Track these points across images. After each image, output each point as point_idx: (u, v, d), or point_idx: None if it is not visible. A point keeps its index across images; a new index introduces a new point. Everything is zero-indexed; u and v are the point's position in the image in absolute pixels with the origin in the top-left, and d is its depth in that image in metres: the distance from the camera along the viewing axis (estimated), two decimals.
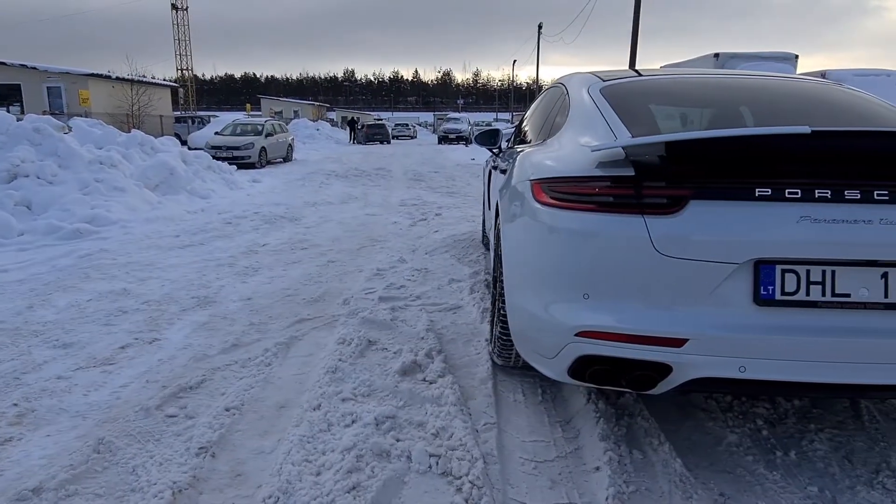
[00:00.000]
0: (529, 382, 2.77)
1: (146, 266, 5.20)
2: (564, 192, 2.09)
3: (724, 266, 1.88)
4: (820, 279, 1.89)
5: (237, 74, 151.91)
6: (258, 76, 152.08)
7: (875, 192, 1.87)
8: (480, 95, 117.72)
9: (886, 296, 1.88)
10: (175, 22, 54.80)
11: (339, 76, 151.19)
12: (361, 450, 2.13)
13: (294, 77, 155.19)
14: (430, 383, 2.73)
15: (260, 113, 47.82)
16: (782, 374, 1.90)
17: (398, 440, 2.23)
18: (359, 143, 35.62)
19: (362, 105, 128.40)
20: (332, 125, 45.79)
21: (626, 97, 2.63)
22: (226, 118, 25.67)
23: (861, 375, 1.89)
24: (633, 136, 2.18)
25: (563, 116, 2.85)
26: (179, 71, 55.43)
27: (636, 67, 20.50)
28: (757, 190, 1.89)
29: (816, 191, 1.87)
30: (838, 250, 1.86)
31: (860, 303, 1.88)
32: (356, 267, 5.20)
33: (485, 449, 2.19)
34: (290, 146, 20.77)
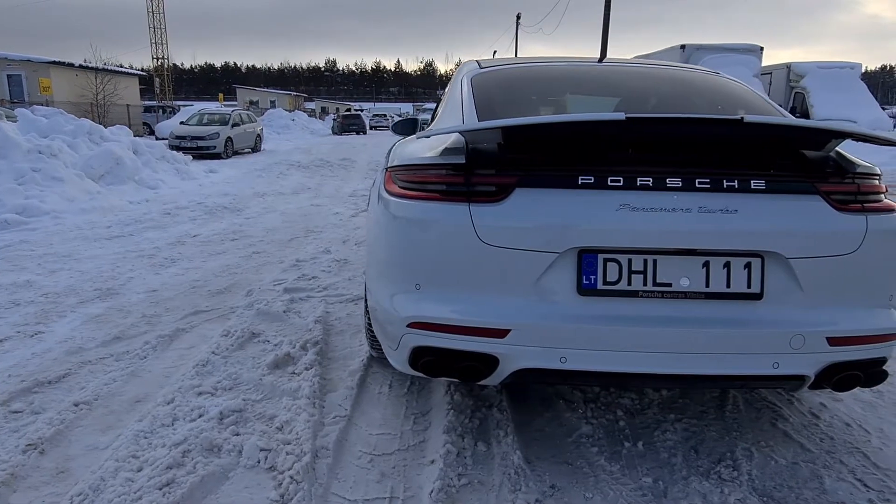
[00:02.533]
0: (401, 374, 2.73)
1: (63, 257, 5.08)
2: (405, 180, 2.05)
3: (547, 255, 1.85)
4: (641, 268, 1.86)
5: (217, 64, 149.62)
6: (239, 66, 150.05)
7: (696, 180, 1.85)
8: None
9: (707, 285, 1.86)
10: (150, 10, 53.79)
11: (321, 66, 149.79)
12: (191, 445, 2.08)
13: (275, 67, 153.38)
14: (296, 375, 2.68)
15: (235, 103, 47.17)
16: (603, 365, 1.87)
17: (237, 434, 2.18)
18: (334, 133, 35.31)
19: (344, 95, 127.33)
20: (311, 115, 45.32)
21: (492, 85, 2.58)
22: (198, 108, 25.28)
23: (683, 366, 1.88)
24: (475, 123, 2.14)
25: (443, 105, 2.81)
26: (155, 60, 54.47)
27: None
28: (580, 178, 1.85)
29: (638, 179, 1.84)
30: (658, 239, 1.83)
31: (681, 292, 1.86)
32: (279, 258, 5.12)
33: (322, 443, 2.15)
34: (259, 136, 20.51)
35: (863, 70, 19.69)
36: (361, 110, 47.27)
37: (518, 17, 45.10)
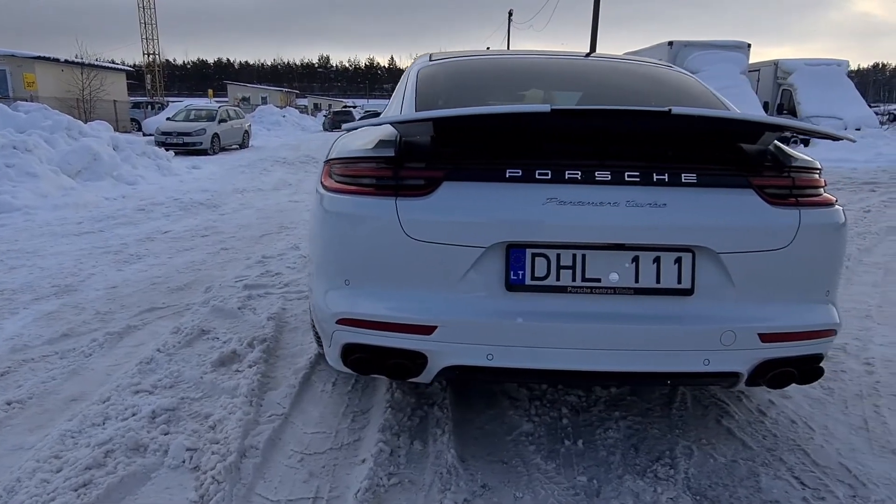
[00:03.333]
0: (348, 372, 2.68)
1: (27, 254, 5.00)
2: (338, 173, 2.00)
3: (473, 250, 1.81)
4: (570, 263, 1.82)
5: (210, 60, 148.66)
6: (232, 62, 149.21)
7: (626, 174, 1.81)
8: None
9: (637, 280, 1.83)
10: (140, 5, 53.35)
11: (314, 62, 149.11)
12: (116, 444, 2.03)
13: (268, 63, 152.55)
14: (239, 373, 2.63)
15: (226, 99, 46.87)
16: (530, 362, 1.83)
17: (166, 434, 2.13)
18: (325, 129, 35.15)
19: (338, 92, 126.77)
20: (302, 112, 45.10)
21: (437, 78, 2.54)
22: (186, 104, 25.10)
23: (612, 363, 1.84)
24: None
25: (391, 99, 2.77)
26: (146, 55, 54.05)
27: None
28: (507, 171, 1.81)
29: (567, 172, 1.80)
30: (586, 233, 1.80)
31: (610, 288, 1.82)
32: (246, 254, 5.06)
33: (252, 442, 2.10)
34: (247, 132, 20.38)
35: (855, 68, 19.76)
36: (354, 107, 46.94)
37: (510, 14, 45.03)
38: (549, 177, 1.80)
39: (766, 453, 2.17)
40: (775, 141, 1.98)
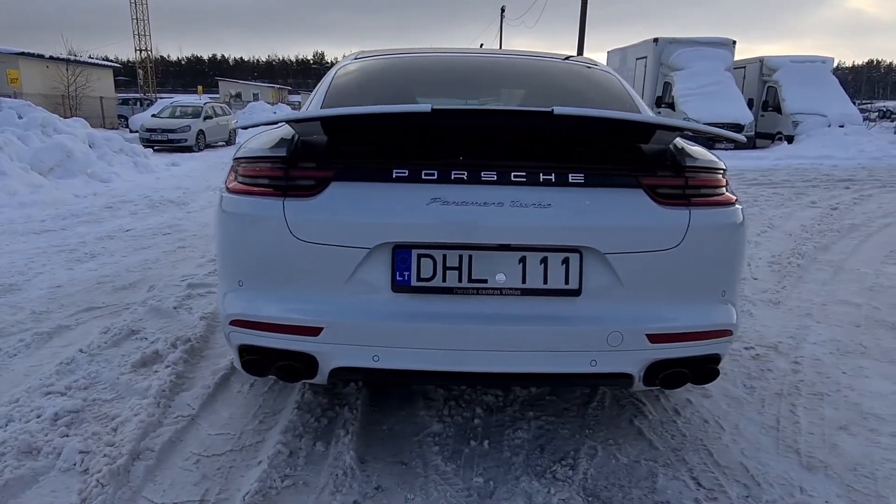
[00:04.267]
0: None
1: None
2: (239, 173, 1.98)
3: (359, 251, 1.79)
4: (457, 264, 1.81)
5: (205, 56, 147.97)
6: (226, 58, 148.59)
7: (512, 174, 1.79)
8: None
9: (524, 281, 1.82)
10: (133, 1, 53.09)
11: (308, 58, 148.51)
12: (8, 447, 2.01)
13: (263, 59, 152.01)
14: (154, 374, 2.61)
15: (217, 96, 46.71)
16: (417, 363, 1.82)
17: (65, 436, 2.12)
18: None
19: None
20: (294, 108, 44.93)
21: (352, 77, 2.53)
22: (175, 100, 24.98)
23: (499, 364, 1.83)
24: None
25: None
26: (138, 51, 53.80)
27: (583, 53, 20.41)
28: (394, 171, 1.80)
29: (453, 172, 1.79)
30: (471, 234, 1.79)
31: (497, 289, 1.81)
32: (202, 253, 5.04)
33: (149, 444, 2.09)
34: (234, 130, 20.31)
35: (850, 65, 19.77)
36: None
37: (503, 11, 44.96)
38: (435, 177, 1.78)
39: (671, 454, 2.16)
40: (678, 140, 1.97)
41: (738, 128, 16.06)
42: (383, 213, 1.78)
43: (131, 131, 21.77)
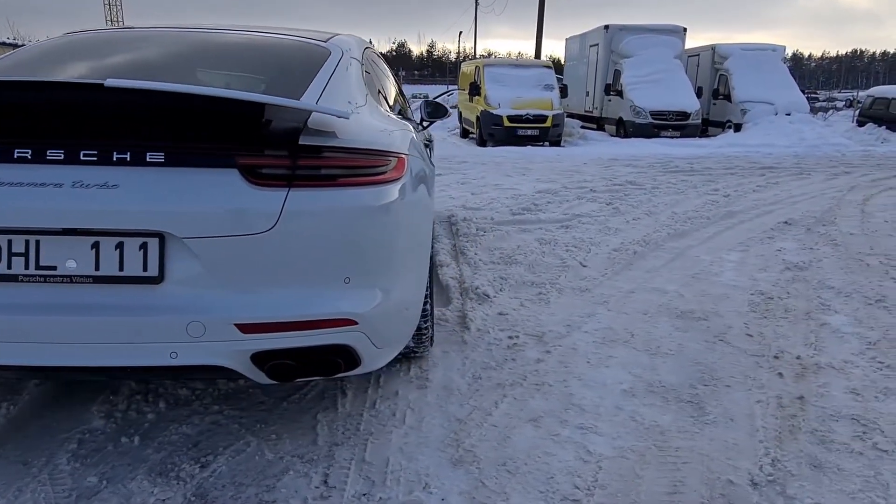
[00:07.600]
0: None
1: None
2: None
3: None
4: (23, 250, 1.67)
5: None
6: None
7: (81, 153, 1.66)
8: (436, 67, 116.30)
9: (98, 268, 1.69)
10: None
11: None
12: None
13: None
14: None
15: None
16: None
17: None
18: None
19: None
20: None
21: (30, 51, 2.38)
22: None
23: (65, 357, 1.70)
24: None
25: None
26: None
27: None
28: None
29: (15, 151, 1.65)
30: (31, 218, 1.65)
31: (67, 276, 1.68)
32: None
33: None
34: None
35: (834, 55, 19.74)
36: None
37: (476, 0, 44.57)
38: None
39: (326, 449, 2.06)
40: (309, 120, 1.81)
41: (684, 116, 16.01)
42: None
43: None
